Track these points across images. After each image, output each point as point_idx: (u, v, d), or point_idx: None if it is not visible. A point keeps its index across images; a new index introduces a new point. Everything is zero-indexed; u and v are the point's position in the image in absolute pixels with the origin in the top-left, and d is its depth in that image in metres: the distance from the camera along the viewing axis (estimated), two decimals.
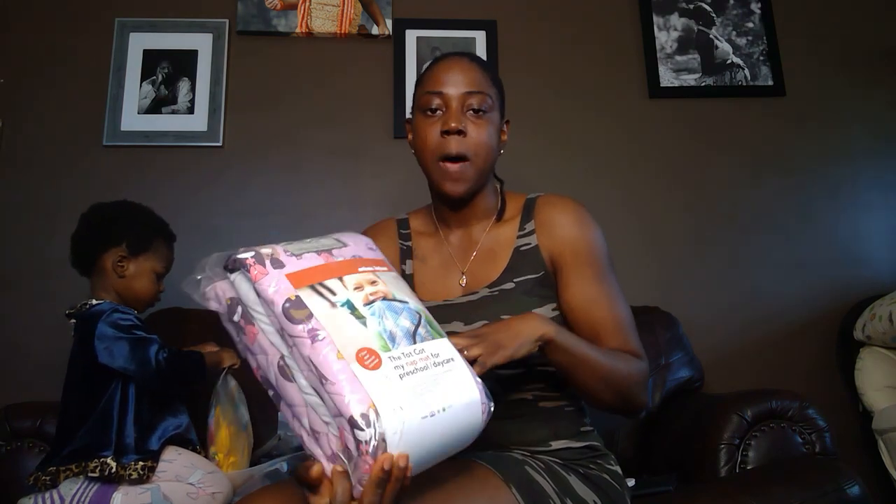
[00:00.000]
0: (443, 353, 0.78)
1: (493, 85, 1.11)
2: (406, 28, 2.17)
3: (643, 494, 1.26)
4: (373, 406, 0.68)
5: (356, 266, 0.81)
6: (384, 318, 0.76)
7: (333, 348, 0.70)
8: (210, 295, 0.79)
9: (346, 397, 0.68)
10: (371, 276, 0.80)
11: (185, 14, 2.14)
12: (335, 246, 0.82)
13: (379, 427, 0.67)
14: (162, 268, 1.45)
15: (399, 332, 0.76)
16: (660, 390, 1.68)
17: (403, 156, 2.08)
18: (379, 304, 0.77)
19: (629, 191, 2.11)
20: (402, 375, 0.72)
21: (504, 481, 0.90)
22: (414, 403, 0.70)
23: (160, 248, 1.44)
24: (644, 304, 1.85)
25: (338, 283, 0.77)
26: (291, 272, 0.75)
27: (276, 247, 0.78)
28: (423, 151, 1.10)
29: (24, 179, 2.00)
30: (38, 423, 1.42)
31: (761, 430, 1.33)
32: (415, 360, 0.74)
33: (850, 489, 1.14)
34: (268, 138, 2.08)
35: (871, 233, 2.13)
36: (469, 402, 0.77)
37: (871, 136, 2.20)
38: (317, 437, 0.73)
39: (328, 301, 0.74)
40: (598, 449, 1.08)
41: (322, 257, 0.79)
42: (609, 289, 1.07)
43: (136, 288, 1.41)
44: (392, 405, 0.69)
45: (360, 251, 0.84)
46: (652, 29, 2.22)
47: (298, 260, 0.77)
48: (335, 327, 0.72)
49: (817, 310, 2.06)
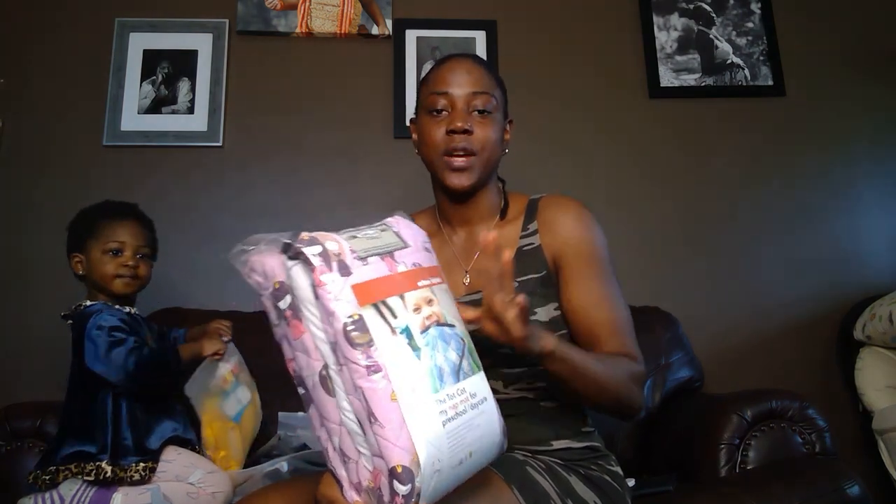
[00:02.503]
0: (479, 391, 0.77)
1: (496, 86, 1.13)
2: (406, 28, 2.17)
3: (643, 494, 1.26)
4: (416, 460, 0.67)
5: (416, 279, 0.77)
6: (436, 349, 0.74)
7: (389, 387, 0.68)
8: (257, 268, 0.74)
9: (392, 444, 0.67)
10: (428, 293, 0.77)
11: (185, 14, 2.14)
12: (397, 246, 0.79)
13: (417, 483, 0.67)
14: (112, 244, 1.40)
15: (447, 368, 0.74)
16: (660, 390, 1.68)
17: (403, 156, 2.09)
18: (433, 332, 0.75)
19: (629, 191, 2.11)
20: (445, 422, 0.71)
21: (505, 482, 0.90)
22: (450, 455, 0.71)
23: (101, 229, 1.41)
24: (644, 304, 1.84)
25: (399, 302, 0.73)
26: (357, 283, 0.71)
27: (341, 241, 0.73)
28: (428, 149, 1.11)
29: (24, 179, 2.00)
30: (38, 423, 1.42)
31: (761, 430, 1.33)
32: (457, 402, 0.73)
33: (850, 489, 1.14)
34: (268, 138, 2.08)
35: (871, 233, 2.13)
36: (491, 445, 0.78)
37: (871, 136, 2.20)
38: (345, 461, 0.72)
39: (389, 326, 0.71)
40: (598, 450, 1.08)
41: (386, 263, 0.75)
42: (609, 290, 1.07)
43: (97, 278, 1.40)
44: (433, 462, 0.69)
45: (418, 255, 0.80)
46: (652, 29, 2.22)
47: (364, 266, 0.73)
48: (393, 361, 0.69)
49: (817, 310, 2.06)
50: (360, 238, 0.76)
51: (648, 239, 2.08)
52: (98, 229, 1.41)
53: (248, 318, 1.76)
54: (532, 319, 1.06)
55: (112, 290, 1.40)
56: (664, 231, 2.09)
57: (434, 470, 0.69)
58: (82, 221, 1.45)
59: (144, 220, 1.48)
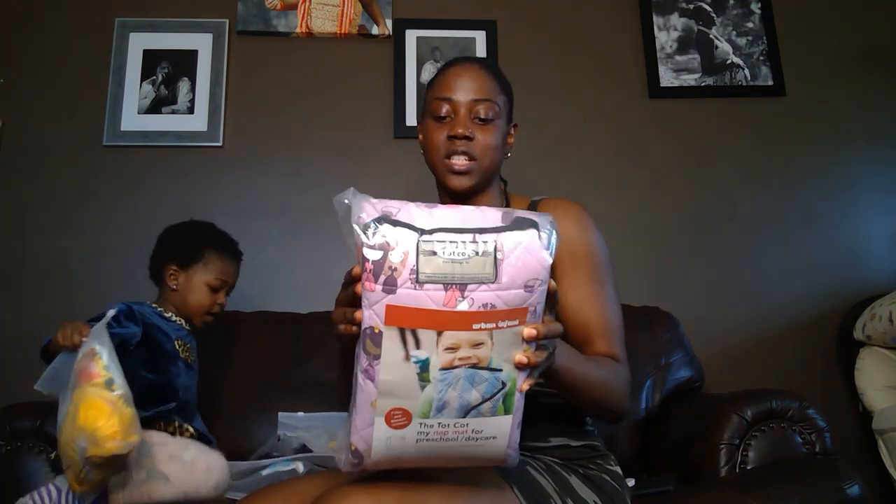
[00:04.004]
0: (489, 431, 0.75)
1: (501, 92, 1.15)
2: (406, 28, 2.17)
3: (643, 494, 1.26)
4: (369, 453, 0.74)
5: (472, 321, 0.70)
6: (452, 387, 0.71)
7: (372, 395, 0.72)
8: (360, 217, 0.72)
9: (356, 429, 0.74)
10: (483, 335, 0.71)
11: (185, 14, 2.14)
12: (479, 280, 0.70)
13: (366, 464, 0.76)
14: (214, 280, 1.47)
15: (454, 405, 0.72)
16: (660, 390, 1.68)
17: (404, 156, 2.09)
18: (459, 372, 0.71)
19: (629, 191, 2.11)
20: (420, 440, 0.73)
21: (506, 481, 0.90)
22: (416, 455, 0.76)
23: (211, 260, 1.47)
24: (644, 304, 1.84)
25: (432, 336, 0.70)
26: (394, 304, 0.69)
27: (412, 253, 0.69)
28: (430, 152, 1.14)
29: (24, 179, 2.00)
30: (39, 423, 1.42)
31: (761, 430, 1.33)
32: (447, 430, 0.73)
33: (850, 489, 1.14)
34: (268, 138, 2.08)
35: (871, 233, 2.13)
36: (482, 462, 0.81)
37: (871, 136, 2.19)
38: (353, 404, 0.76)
39: (405, 352, 0.70)
40: (598, 449, 1.09)
41: (446, 295, 0.69)
42: (602, 292, 1.08)
43: (188, 299, 1.45)
44: (389, 459, 0.76)
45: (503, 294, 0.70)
46: (652, 29, 2.22)
47: (414, 290, 0.69)
48: (391, 380, 0.71)
49: (817, 310, 2.05)
50: (443, 257, 0.69)
51: (648, 239, 2.08)
52: (208, 259, 1.47)
53: (246, 318, 1.77)
54: None
55: (194, 321, 1.47)
56: (664, 231, 2.09)
57: (389, 460, 0.76)
58: (192, 241, 1.49)
59: (241, 258, 1.55)
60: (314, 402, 1.60)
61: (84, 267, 1.94)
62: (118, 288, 1.81)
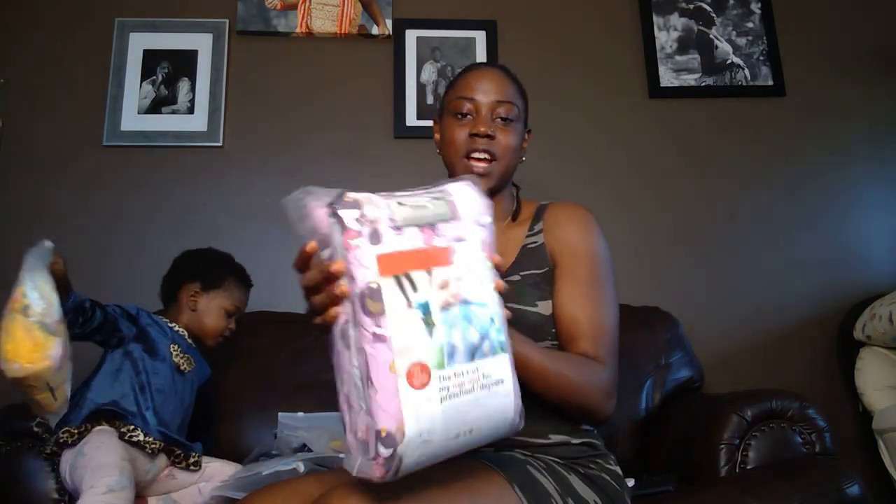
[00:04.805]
0: (495, 373, 0.77)
1: (520, 96, 1.20)
2: (406, 28, 2.17)
3: (643, 494, 1.26)
4: (402, 430, 0.69)
5: (450, 255, 0.77)
6: (454, 327, 0.74)
7: (390, 357, 0.70)
8: (309, 216, 0.77)
9: (382, 410, 0.70)
10: (462, 269, 0.78)
11: (185, 14, 2.14)
12: (443, 217, 0.79)
13: (399, 450, 0.69)
14: (231, 306, 1.54)
15: (461, 347, 0.74)
16: (660, 390, 1.68)
17: (403, 156, 2.09)
18: (456, 310, 0.75)
19: (629, 190, 2.11)
20: (444, 398, 0.72)
21: (507, 481, 0.90)
22: (444, 429, 0.72)
23: (231, 287, 1.55)
24: (644, 304, 1.84)
25: (424, 276, 0.75)
26: (384, 253, 0.73)
27: (383, 207, 0.76)
28: (449, 149, 1.16)
29: (24, 179, 2.00)
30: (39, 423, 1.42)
31: (761, 430, 1.33)
32: (463, 381, 0.74)
33: (849, 489, 1.14)
34: (268, 138, 2.08)
35: (870, 233, 2.13)
36: (500, 423, 0.79)
37: (871, 136, 2.20)
38: (349, 407, 0.74)
39: (406, 299, 0.73)
40: (598, 448, 1.09)
41: (424, 235, 0.77)
42: (596, 293, 1.08)
43: (204, 321, 1.51)
44: (421, 434, 0.70)
45: (466, 229, 0.80)
46: (652, 29, 2.22)
47: (397, 235, 0.75)
48: (401, 332, 0.71)
49: (817, 310, 2.06)
50: (407, 206, 0.78)
51: (648, 239, 2.08)
52: (227, 286, 1.54)
53: (246, 318, 1.76)
54: (533, 312, 1.08)
55: (206, 341, 1.52)
56: (664, 231, 2.09)
57: (421, 441, 0.70)
58: (215, 267, 1.56)
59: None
60: (314, 402, 1.60)
61: (84, 267, 1.93)
62: (118, 287, 1.82)
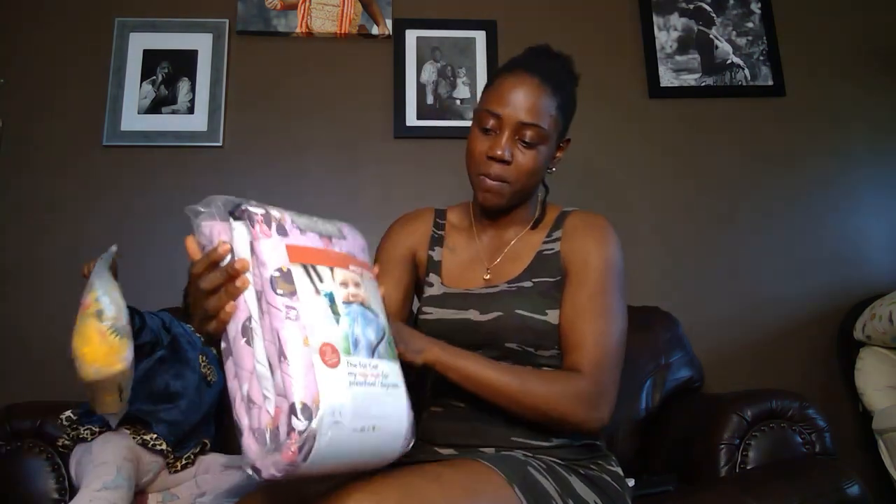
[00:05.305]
0: (392, 375, 0.79)
1: (558, 108, 1.11)
2: (406, 28, 2.17)
3: (643, 495, 1.26)
4: (317, 402, 0.69)
5: (347, 262, 0.82)
6: (356, 322, 0.77)
7: (303, 332, 0.72)
8: (205, 231, 0.79)
9: (297, 382, 0.70)
10: (358, 277, 0.82)
11: (185, 14, 2.14)
12: (336, 235, 0.84)
13: (314, 424, 0.68)
14: None
15: (363, 341, 0.77)
16: (660, 390, 1.68)
17: (403, 156, 2.09)
18: (356, 308, 0.79)
19: (629, 190, 2.11)
20: (352, 383, 0.73)
21: (507, 481, 0.90)
22: (352, 415, 0.72)
23: None
24: (644, 304, 1.84)
25: (328, 272, 0.79)
26: (292, 244, 0.77)
27: (285, 213, 0.79)
28: (468, 159, 1.14)
29: (24, 179, 2.00)
30: (39, 423, 1.42)
31: (761, 430, 1.33)
32: (367, 372, 0.76)
33: (849, 489, 1.14)
34: (268, 138, 2.08)
35: (871, 233, 2.13)
36: (396, 430, 0.78)
37: (871, 136, 2.19)
38: (249, 407, 0.74)
39: (314, 287, 0.76)
40: (598, 450, 1.09)
41: (323, 242, 0.81)
42: (599, 306, 1.06)
43: None
44: (333, 410, 0.70)
45: (355, 249, 0.86)
46: (652, 29, 2.22)
47: (301, 235, 0.79)
48: (311, 314, 0.74)
49: (817, 310, 2.05)
50: (304, 218, 0.82)
51: (648, 239, 2.08)
52: None
53: None
54: (541, 320, 1.07)
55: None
56: (664, 231, 2.09)
57: (333, 420, 0.70)
58: None
59: None
60: None
61: None
62: None
